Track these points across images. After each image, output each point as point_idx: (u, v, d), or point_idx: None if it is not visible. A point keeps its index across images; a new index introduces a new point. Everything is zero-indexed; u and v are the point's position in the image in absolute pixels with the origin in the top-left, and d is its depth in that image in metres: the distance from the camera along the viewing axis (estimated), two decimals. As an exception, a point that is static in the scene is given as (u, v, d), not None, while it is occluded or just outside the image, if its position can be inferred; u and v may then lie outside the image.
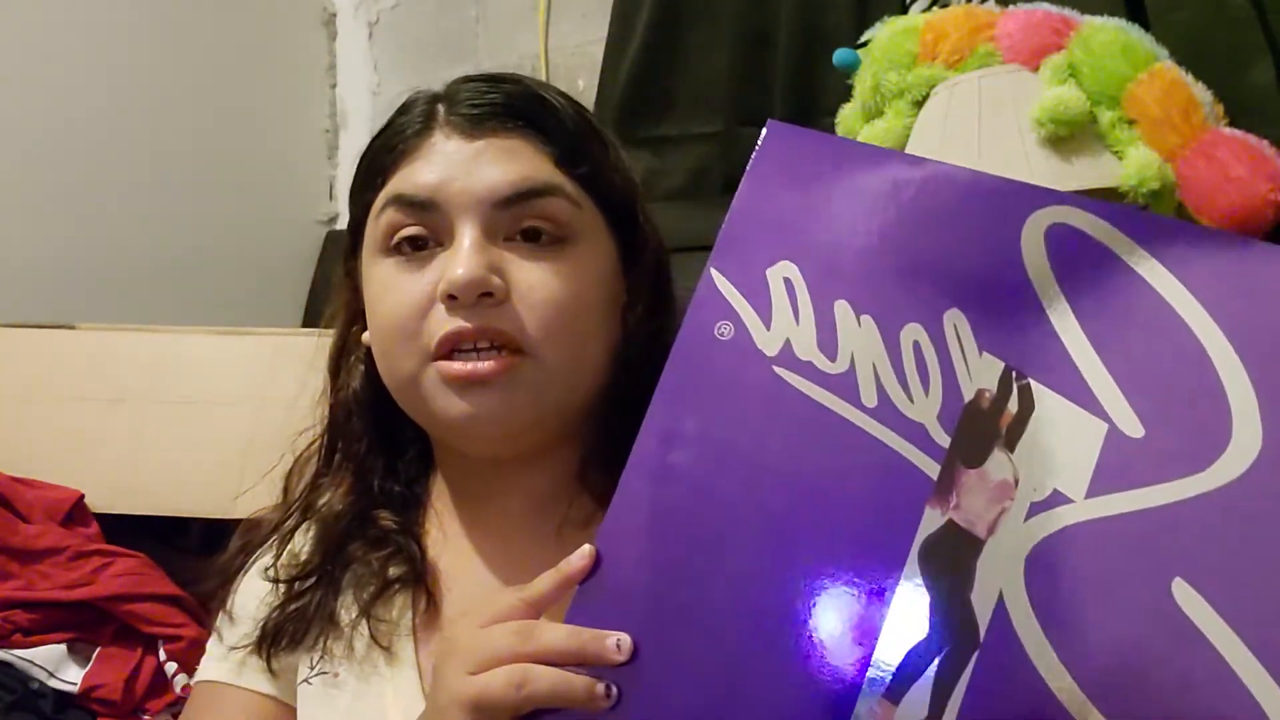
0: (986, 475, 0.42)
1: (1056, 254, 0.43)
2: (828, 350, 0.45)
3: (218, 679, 0.64)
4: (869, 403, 0.44)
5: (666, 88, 1.33)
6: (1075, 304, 0.42)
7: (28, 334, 1.28)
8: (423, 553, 0.61)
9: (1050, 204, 0.43)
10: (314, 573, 0.61)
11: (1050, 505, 0.41)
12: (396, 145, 0.60)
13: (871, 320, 0.45)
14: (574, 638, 0.43)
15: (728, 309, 0.47)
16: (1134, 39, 0.86)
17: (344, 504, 0.63)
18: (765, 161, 0.49)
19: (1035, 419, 0.42)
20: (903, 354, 0.44)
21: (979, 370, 0.43)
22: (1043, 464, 0.41)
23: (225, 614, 0.64)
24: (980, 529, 0.41)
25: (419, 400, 0.57)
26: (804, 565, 0.43)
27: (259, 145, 1.83)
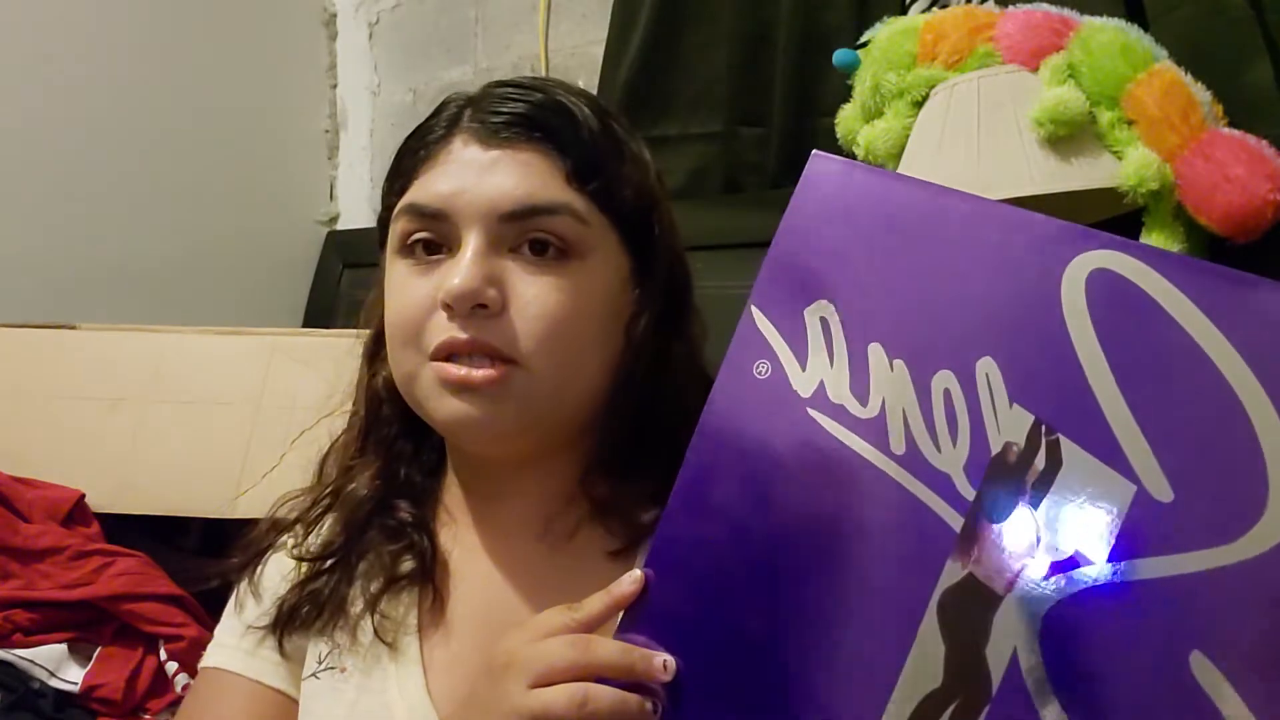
0: (1008, 531, 0.42)
1: (1097, 302, 0.41)
2: (860, 394, 0.45)
3: (227, 667, 0.64)
4: (897, 450, 0.44)
5: (666, 88, 1.34)
6: (1112, 356, 0.41)
7: (28, 334, 1.28)
8: (434, 548, 0.63)
9: (1095, 248, 0.42)
10: (335, 554, 0.63)
11: (1071, 566, 0.40)
12: (419, 150, 0.62)
13: (904, 365, 0.45)
14: (627, 655, 0.46)
15: (766, 348, 0.48)
16: (1133, 39, 0.86)
17: (369, 488, 0.64)
18: (808, 193, 0.49)
19: (1062, 476, 0.41)
20: (933, 401, 0.44)
21: (1008, 422, 0.42)
22: (1066, 523, 0.41)
23: (250, 588, 0.65)
24: (999, 585, 0.41)
25: (418, 398, 0.59)
26: (830, 608, 0.44)
27: (259, 145, 1.83)
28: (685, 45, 1.33)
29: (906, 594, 0.43)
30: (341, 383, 0.70)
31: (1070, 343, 0.41)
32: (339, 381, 0.70)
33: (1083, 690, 0.39)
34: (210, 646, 0.67)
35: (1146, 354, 0.40)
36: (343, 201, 1.95)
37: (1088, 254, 0.42)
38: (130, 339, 1.28)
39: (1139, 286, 0.41)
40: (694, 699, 0.46)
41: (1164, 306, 0.40)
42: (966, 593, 0.42)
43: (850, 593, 0.44)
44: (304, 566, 0.63)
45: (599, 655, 0.46)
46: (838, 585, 0.44)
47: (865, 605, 0.43)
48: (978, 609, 0.41)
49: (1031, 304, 0.43)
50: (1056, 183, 0.85)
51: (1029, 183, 0.85)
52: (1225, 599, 0.37)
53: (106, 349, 1.27)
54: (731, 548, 0.46)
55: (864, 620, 0.43)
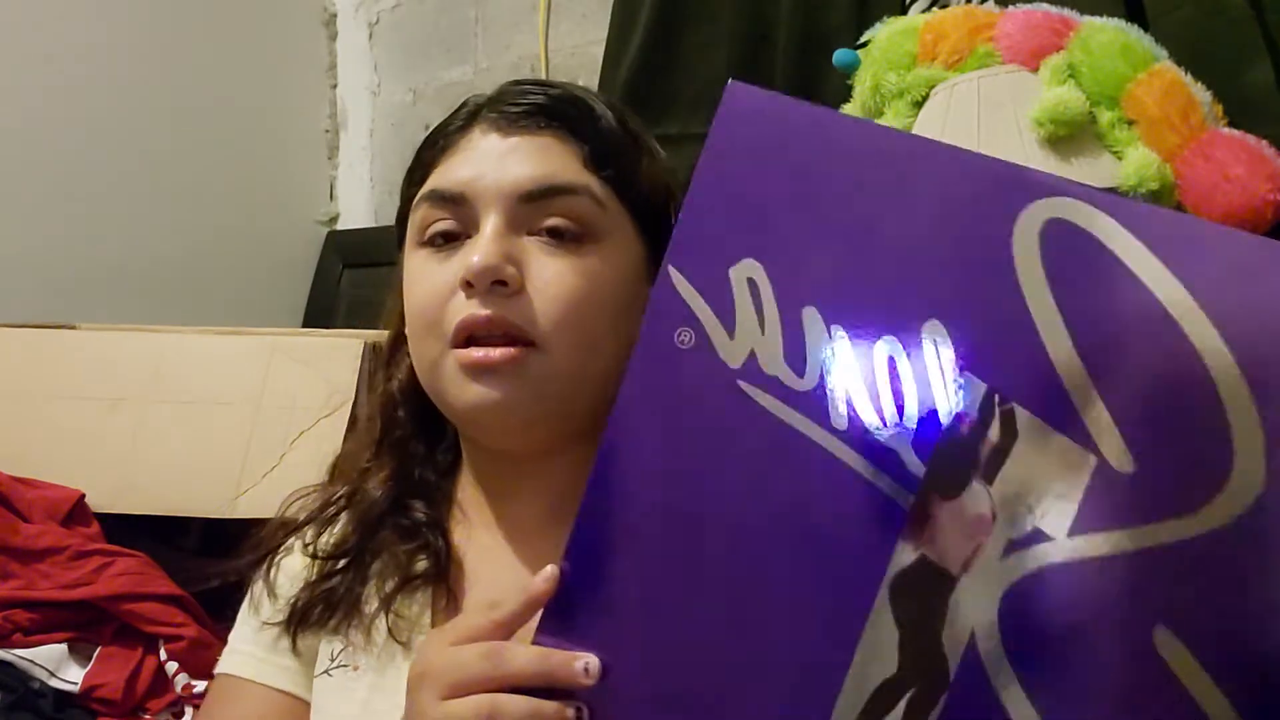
0: (962, 508, 0.39)
1: (1052, 257, 0.38)
2: (795, 364, 0.41)
3: (241, 674, 0.65)
4: (839, 425, 0.40)
5: (666, 88, 1.34)
6: (1069, 317, 0.37)
7: (28, 334, 1.28)
8: (448, 548, 0.63)
9: (1048, 195, 0.38)
10: (348, 553, 0.63)
11: (1029, 543, 0.37)
12: (438, 141, 0.63)
13: (843, 330, 0.41)
14: (543, 661, 0.43)
15: (688, 314, 0.43)
16: (1133, 39, 0.86)
17: (383, 489, 0.64)
18: (725, 133, 0.44)
19: (1018, 449, 0.38)
20: (876, 370, 0.40)
21: (959, 391, 0.39)
22: (1023, 498, 0.38)
23: (265, 587, 0.65)
24: (954, 565, 0.38)
25: (439, 388, 0.59)
26: (771, 594, 0.41)
27: (259, 145, 1.83)
28: (685, 45, 1.33)
29: (854, 579, 0.40)
30: (342, 383, 0.70)
31: (1024, 303, 0.38)
32: (339, 382, 0.70)
33: (1045, 671, 0.37)
34: (225, 652, 0.67)
35: (1107, 314, 0.37)
36: (343, 201, 1.95)
37: (1041, 202, 0.38)
38: (130, 339, 1.28)
39: (1098, 239, 0.37)
40: (624, 702, 0.42)
41: (1125, 261, 0.36)
42: (919, 575, 0.39)
43: (791, 580, 0.41)
44: (316, 565, 0.64)
45: (512, 664, 0.43)
46: (776, 573, 0.41)
47: (808, 593, 0.40)
48: (932, 592, 0.39)
49: (981, 259, 0.39)
50: (1056, 183, 0.85)
51: (1029, 183, 0.85)
52: (1189, 572, 0.35)
53: (106, 349, 1.27)
54: (657, 537, 0.43)
55: (808, 609, 0.40)
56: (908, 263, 0.40)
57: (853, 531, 0.40)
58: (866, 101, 1.01)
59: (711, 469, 0.42)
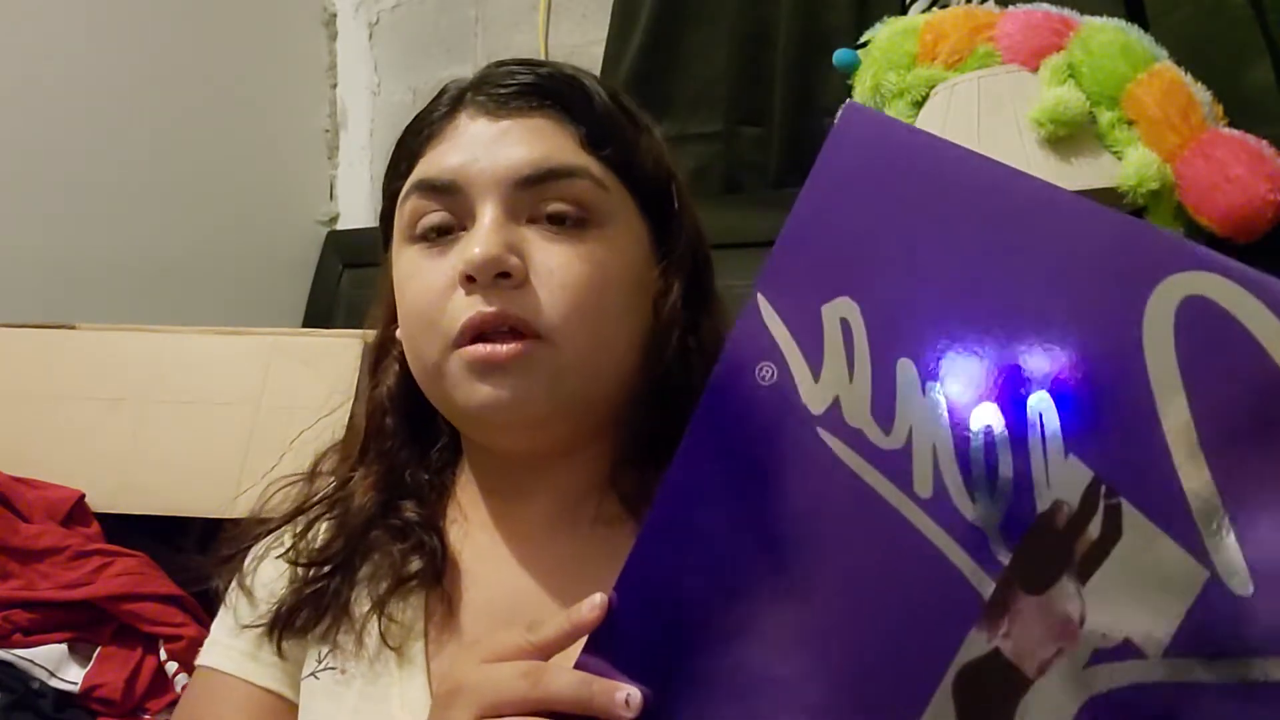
0: (1048, 606, 0.35)
1: (1186, 338, 0.33)
2: (882, 419, 0.38)
3: (222, 668, 0.62)
4: (923, 493, 0.37)
5: (666, 88, 1.34)
6: (1198, 409, 0.33)
7: (28, 334, 1.28)
8: (444, 548, 0.60)
9: (1190, 268, 0.33)
10: (333, 559, 0.60)
11: (1118, 656, 0.34)
12: (423, 130, 0.59)
13: (940, 390, 0.37)
14: (584, 687, 0.41)
15: (773, 348, 0.40)
16: (1133, 39, 0.86)
17: (369, 496, 0.61)
18: (838, 158, 0.40)
19: (1120, 549, 0.34)
20: (971, 440, 0.36)
21: (1060, 476, 0.35)
22: (1119, 606, 0.34)
23: (242, 590, 0.63)
24: (1029, 667, 0.35)
25: (443, 390, 0.56)
26: (827, 662, 0.38)
27: (259, 145, 1.83)
28: (685, 45, 1.33)
29: (918, 661, 0.36)
30: (342, 383, 0.69)
31: (1149, 386, 0.33)
32: (339, 381, 0.69)
33: None
34: (205, 644, 0.65)
35: (1241, 410, 0.32)
36: (343, 201, 1.95)
37: (1183, 275, 0.33)
38: (130, 339, 1.28)
39: (1241, 324, 0.32)
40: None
41: (1269, 351, 0.32)
42: (990, 671, 0.35)
43: (851, 648, 0.38)
44: (300, 570, 0.61)
45: (552, 687, 0.41)
46: (834, 640, 0.38)
47: (867, 669, 0.37)
48: (1001, 691, 0.35)
49: (1105, 331, 0.34)
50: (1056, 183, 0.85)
51: (1029, 183, 0.85)
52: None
53: (106, 349, 1.27)
54: (715, 579, 0.40)
55: (865, 686, 0.37)
56: (1021, 325, 0.36)
57: (923, 609, 0.37)
58: (866, 101, 1.01)
59: (779, 518, 0.39)
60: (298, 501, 0.65)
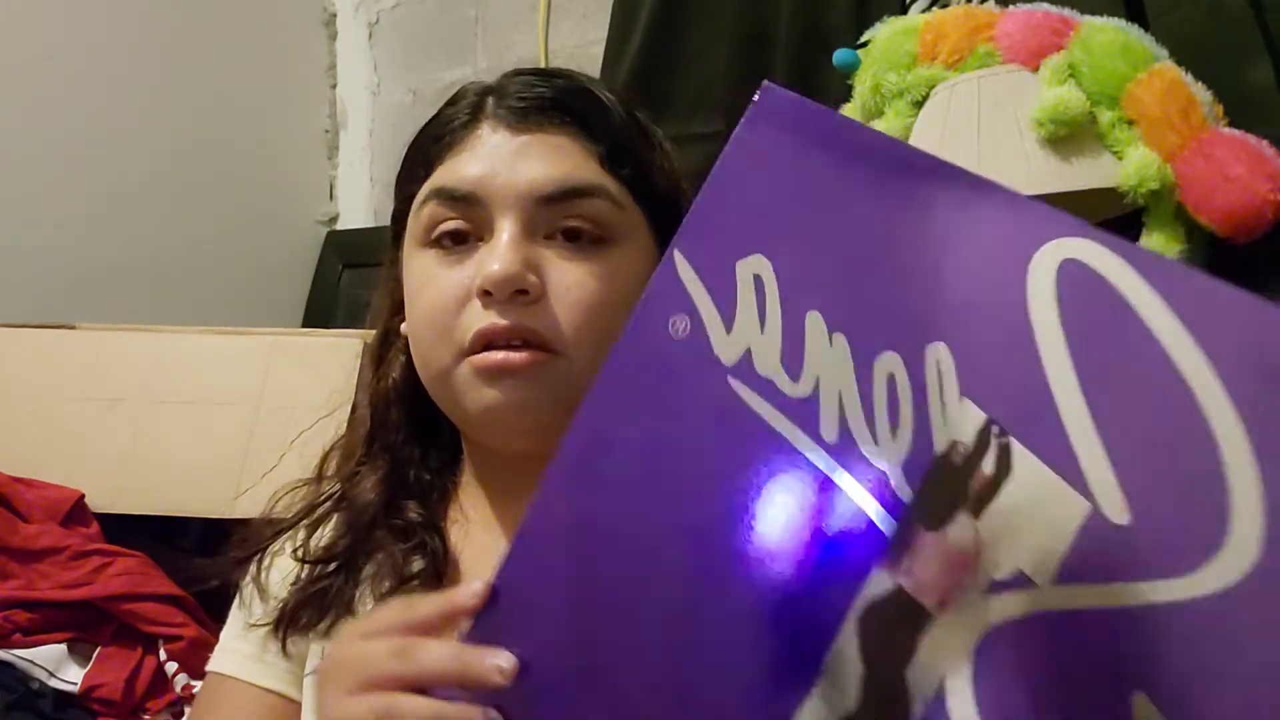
0: (946, 541, 0.36)
1: (1066, 295, 0.36)
2: (791, 368, 0.39)
3: (230, 672, 0.64)
4: (829, 437, 0.38)
5: (666, 88, 1.34)
6: (1077, 357, 0.35)
7: (28, 334, 1.28)
8: (445, 549, 0.61)
9: (1069, 235, 0.36)
10: (338, 557, 0.61)
11: (1012, 586, 0.35)
12: (443, 137, 0.60)
13: (844, 340, 0.39)
14: (455, 659, 0.41)
15: (687, 302, 0.41)
16: (1133, 39, 0.86)
17: (375, 492, 0.62)
18: (755, 130, 0.42)
19: (1010, 485, 0.35)
20: (874, 386, 0.38)
21: (957, 418, 0.36)
22: (1010, 538, 0.35)
23: (257, 589, 0.64)
24: (930, 602, 0.36)
25: (450, 394, 0.57)
26: (734, 607, 0.38)
27: (259, 145, 1.83)
28: (685, 45, 1.33)
29: (823, 600, 0.37)
30: (341, 383, 0.69)
31: (1033, 337, 0.36)
32: (339, 381, 0.70)
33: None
34: (216, 650, 0.66)
35: (1114, 359, 0.35)
36: (343, 201, 1.95)
37: (1061, 240, 0.36)
38: (130, 339, 1.28)
39: (1112, 284, 0.35)
40: (553, 702, 0.39)
41: (1137, 309, 0.34)
42: (893, 607, 0.36)
43: (755, 595, 0.38)
44: (306, 568, 0.62)
45: (424, 661, 0.41)
46: (740, 585, 0.38)
47: (772, 610, 0.38)
48: (904, 627, 0.36)
49: (994, 288, 0.37)
50: (1056, 183, 0.85)
51: (1029, 183, 0.85)
52: (1176, 637, 0.33)
53: (106, 349, 1.27)
54: (616, 530, 0.40)
55: (770, 627, 0.38)
56: (919, 283, 0.38)
57: (828, 550, 0.38)
58: (866, 101, 1.01)
59: (687, 465, 0.40)
60: (306, 500, 0.66)
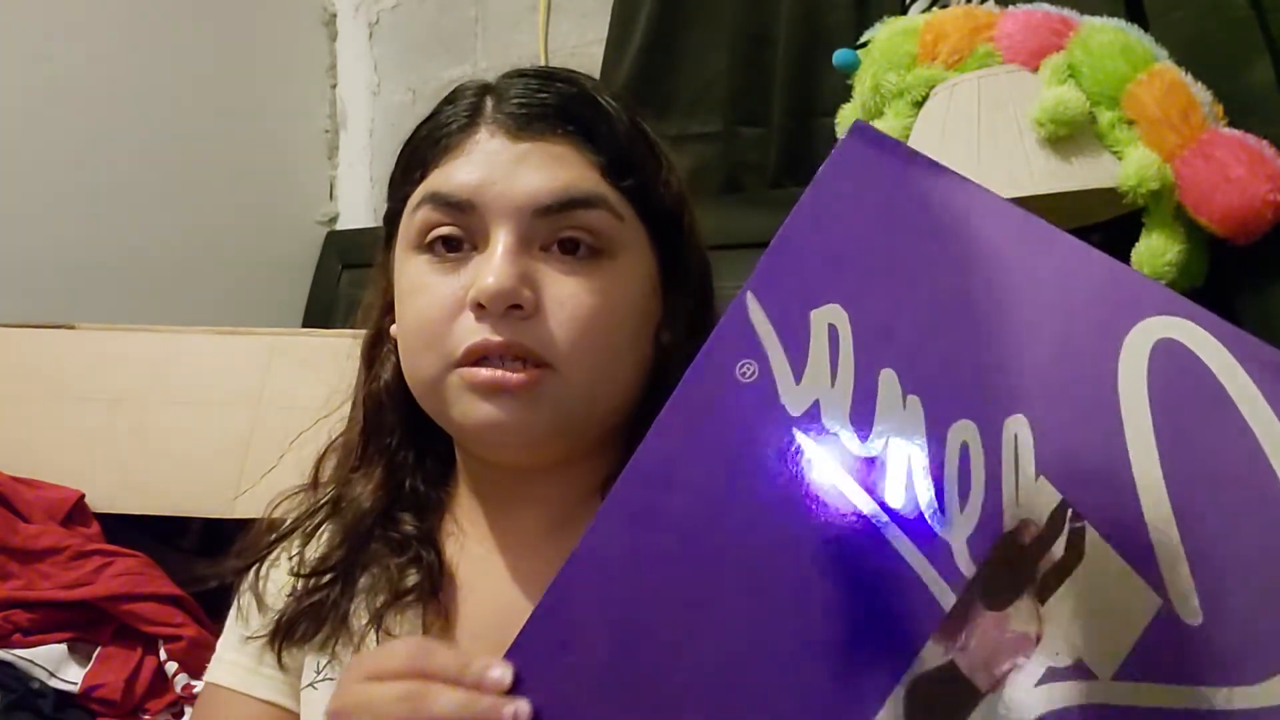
0: (1006, 622, 0.35)
1: (1158, 379, 0.34)
2: (860, 426, 0.38)
3: (226, 684, 0.63)
4: (894, 501, 0.37)
5: (666, 88, 1.34)
6: (1164, 445, 0.34)
7: (28, 334, 1.28)
8: (440, 561, 0.60)
9: (1166, 313, 0.35)
10: (333, 569, 0.60)
11: (1070, 676, 0.34)
12: (440, 139, 0.58)
13: (919, 403, 0.37)
14: (468, 707, 0.40)
15: (756, 346, 0.40)
16: (1133, 39, 0.86)
17: (371, 500, 0.61)
18: (839, 171, 0.41)
19: (1079, 571, 0.35)
20: (946, 453, 0.37)
21: (1030, 496, 0.35)
22: (1075, 627, 0.34)
23: (255, 599, 0.63)
24: (982, 681, 0.35)
25: (440, 404, 0.56)
26: (781, 664, 0.37)
27: (259, 145, 1.83)
28: (685, 45, 1.33)
29: (873, 669, 0.36)
30: (342, 383, 0.69)
31: (1120, 419, 0.34)
32: (339, 382, 0.69)
33: None
34: (212, 661, 0.65)
35: (1204, 450, 0.34)
36: (343, 201, 1.95)
37: (1158, 319, 0.35)
38: (130, 339, 1.28)
39: (1211, 371, 0.34)
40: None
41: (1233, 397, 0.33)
42: (944, 682, 0.35)
43: (803, 654, 0.37)
44: (301, 580, 0.61)
45: (434, 708, 0.40)
46: (788, 644, 0.37)
47: (820, 674, 0.36)
48: (953, 703, 0.35)
49: (1083, 363, 0.35)
50: (1056, 183, 0.85)
51: (1029, 183, 0.85)
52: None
53: (106, 349, 1.27)
54: (673, 567, 0.39)
55: (817, 693, 0.36)
56: (1004, 350, 0.37)
57: (884, 616, 0.36)
58: (866, 101, 1.01)
59: (745, 515, 0.38)
60: (302, 508, 0.65)
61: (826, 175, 0.41)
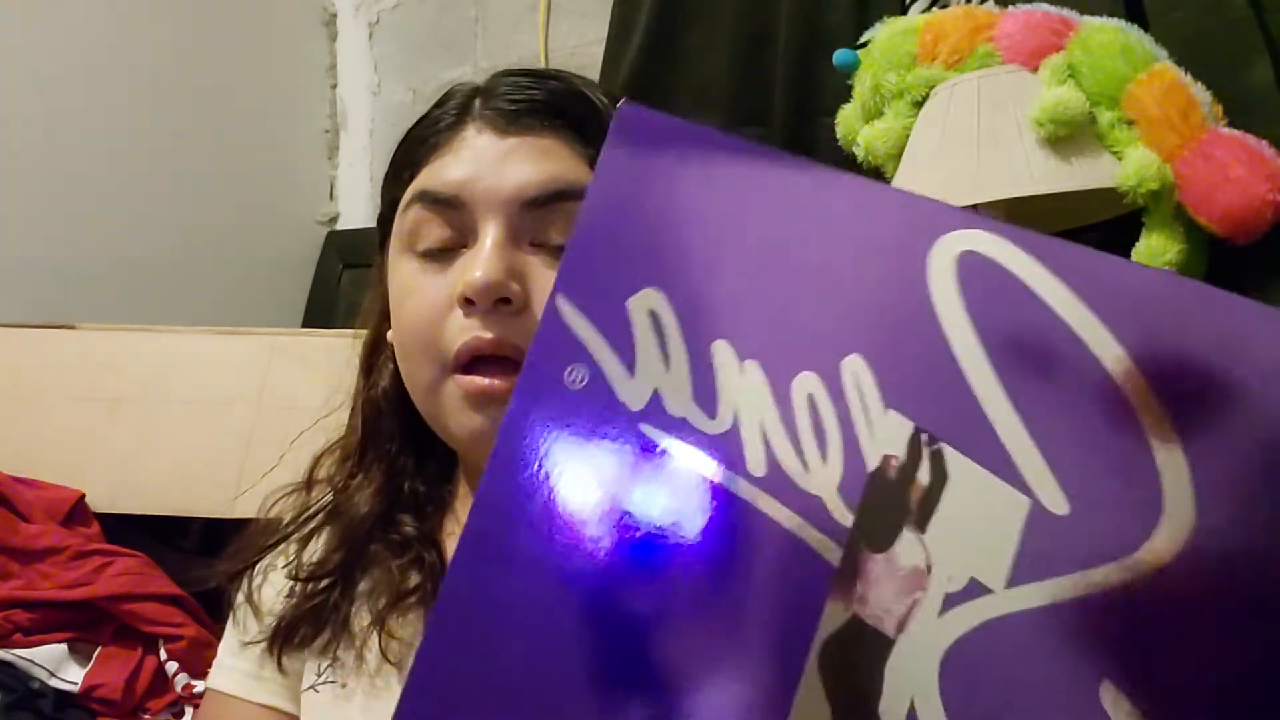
0: (895, 561, 0.35)
1: (968, 288, 0.35)
2: (705, 404, 0.37)
3: (227, 690, 0.63)
4: (756, 471, 0.36)
5: (666, 88, 1.34)
6: (990, 350, 0.34)
7: (28, 334, 1.28)
8: (443, 562, 0.59)
9: (959, 227, 0.35)
10: (332, 573, 0.60)
11: (967, 596, 0.34)
12: (428, 139, 0.58)
13: (757, 366, 0.37)
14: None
15: (579, 349, 0.38)
16: (1133, 39, 0.86)
17: (370, 505, 0.61)
18: (619, 155, 0.40)
19: (949, 492, 0.35)
20: (795, 410, 0.36)
21: (884, 431, 0.35)
22: (958, 547, 0.34)
23: (250, 605, 0.63)
24: (889, 625, 0.34)
25: (437, 411, 0.55)
26: (683, 668, 0.36)
27: (259, 145, 1.83)
28: (685, 45, 1.33)
29: (777, 647, 0.35)
30: (342, 383, 0.68)
31: (944, 335, 0.35)
32: (339, 381, 0.69)
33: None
34: (213, 667, 0.65)
35: (1025, 346, 0.34)
36: (343, 201, 1.95)
37: (953, 234, 0.35)
38: (130, 339, 1.28)
39: (1009, 270, 0.34)
40: None
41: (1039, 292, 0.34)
42: (852, 639, 0.35)
43: (704, 651, 0.36)
44: (300, 585, 0.61)
45: None
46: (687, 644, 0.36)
47: (723, 666, 0.35)
48: (866, 657, 0.34)
49: (897, 290, 0.36)
50: (1056, 183, 0.85)
51: (1029, 183, 0.85)
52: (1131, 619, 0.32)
53: (106, 349, 1.28)
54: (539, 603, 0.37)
55: (723, 685, 0.35)
56: (821, 294, 0.37)
57: (776, 591, 0.36)
58: (866, 101, 1.01)
59: (610, 526, 0.37)
60: (297, 511, 0.64)
61: (604, 160, 0.40)
